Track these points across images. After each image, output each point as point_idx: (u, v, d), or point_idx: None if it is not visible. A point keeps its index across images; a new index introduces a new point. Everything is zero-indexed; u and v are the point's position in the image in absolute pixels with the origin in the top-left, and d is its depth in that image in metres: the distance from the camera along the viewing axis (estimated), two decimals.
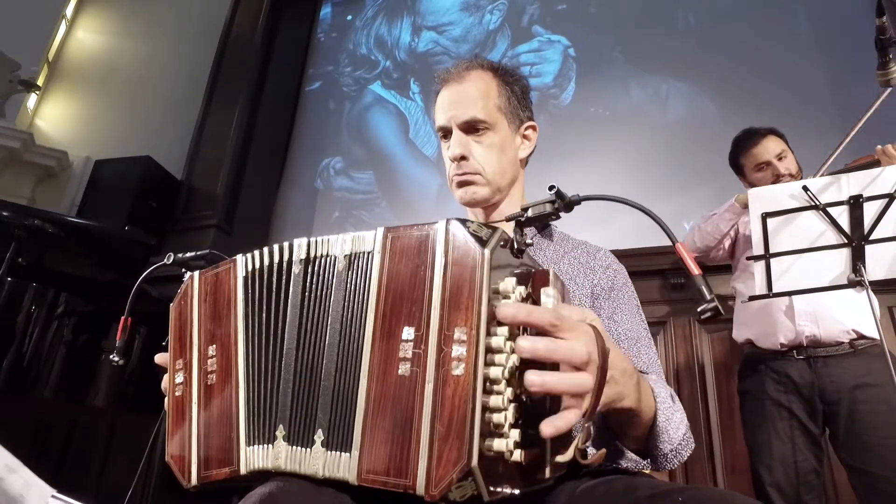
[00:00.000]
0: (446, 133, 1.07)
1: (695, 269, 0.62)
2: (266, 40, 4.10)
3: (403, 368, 0.57)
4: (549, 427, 0.52)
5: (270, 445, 0.66)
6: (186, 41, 4.45)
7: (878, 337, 1.71)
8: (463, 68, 1.08)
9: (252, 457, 0.67)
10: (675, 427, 0.77)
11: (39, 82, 3.75)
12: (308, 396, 0.65)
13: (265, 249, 0.73)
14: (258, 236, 3.75)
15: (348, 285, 0.65)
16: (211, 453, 0.69)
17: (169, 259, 0.93)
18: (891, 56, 1.43)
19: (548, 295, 0.59)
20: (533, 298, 0.59)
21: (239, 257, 0.74)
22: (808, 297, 1.54)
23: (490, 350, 0.54)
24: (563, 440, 0.57)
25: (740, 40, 3.37)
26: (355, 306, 0.65)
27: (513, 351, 0.54)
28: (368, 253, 0.67)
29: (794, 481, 1.60)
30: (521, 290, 0.58)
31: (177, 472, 0.72)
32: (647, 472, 0.87)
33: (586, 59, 3.66)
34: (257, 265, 0.72)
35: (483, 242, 0.57)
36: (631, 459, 0.83)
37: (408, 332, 0.59)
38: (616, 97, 3.49)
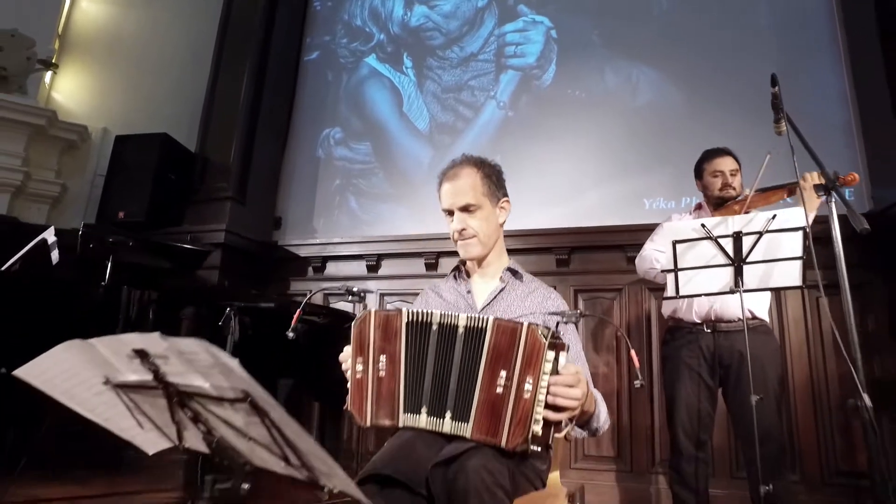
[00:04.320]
0: (450, 212, 1.52)
1: None
2: (268, 7, 4.33)
3: (499, 389, 1.12)
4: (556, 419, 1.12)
5: (417, 415, 1.19)
6: (188, 9, 4.66)
7: (766, 318, 2.26)
8: (458, 166, 1.52)
9: (405, 419, 1.20)
10: (603, 417, 1.34)
11: (53, 58, 3.99)
12: (441, 394, 1.19)
13: (415, 311, 1.25)
14: (267, 205, 4.17)
15: (466, 342, 1.19)
16: (380, 413, 1.23)
17: (342, 288, 1.49)
18: (781, 115, 1.85)
19: (564, 356, 1.13)
20: (557, 356, 1.13)
21: (403, 310, 1.25)
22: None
23: (537, 386, 1.10)
24: (559, 428, 1.15)
25: (706, 31, 3.69)
26: (472, 353, 1.17)
27: (547, 387, 1.12)
28: (483, 329, 1.17)
29: (696, 422, 2.18)
30: (552, 354, 1.12)
31: (356, 416, 1.24)
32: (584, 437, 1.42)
33: (567, 41, 3.97)
34: (412, 319, 1.23)
35: (543, 336, 1.12)
36: (579, 432, 1.37)
37: (503, 373, 1.13)
38: (592, 80, 3.84)
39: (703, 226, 1.83)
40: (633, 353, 1.26)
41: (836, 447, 2.71)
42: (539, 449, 1.10)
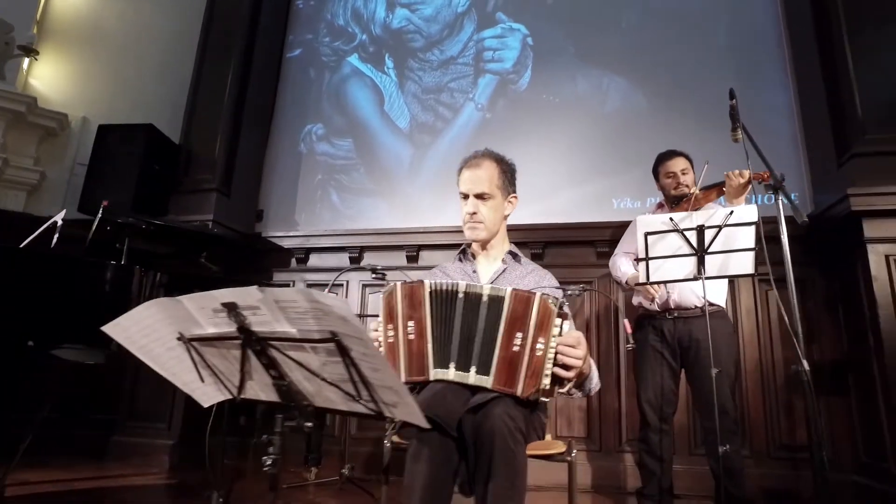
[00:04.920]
0: (466, 196, 1.71)
1: None
2: (254, 4, 4.41)
3: (515, 348, 1.32)
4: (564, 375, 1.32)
5: (446, 370, 1.38)
6: (170, 4, 4.69)
7: (722, 305, 2.53)
8: (480, 157, 1.72)
9: (435, 374, 1.39)
10: (595, 380, 1.54)
11: (34, 44, 3.98)
12: (466, 351, 1.38)
13: (438, 282, 1.42)
14: (250, 198, 4.26)
15: (489, 308, 1.37)
16: (412, 370, 1.40)
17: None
18: (738, 125, 2.12)
19: (567, 324, 1.34)
20: (562, 323, 1.33)
21: (426, 281, 1.41)
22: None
23: (548, 346, 1.28)
24: (562, 384, 1.34)
25: (669, 46, 3.98)
26: (493, 318, 1.36)
27: (555, 348, 1.32)
28: (502, 297, 1.35)
29: (660, 399, 2.44)
30: (559, 321, 1.32)
31: None
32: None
33: (542, 48, 4.21)
34: (435, 288, 1.40)
35: (553, 304, 1.32)
36: (576, 392, 1.57)
37: (518, 335, 1.33)
38: (565, 86, 4.09)
39: (671, 219, 2.07)
40: (625, 321, 1.48)
41: (780, 424, 3.02)
42: (546, 400, 1.30)
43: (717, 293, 2.50)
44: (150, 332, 1.10)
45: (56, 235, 2.44)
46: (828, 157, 3.24)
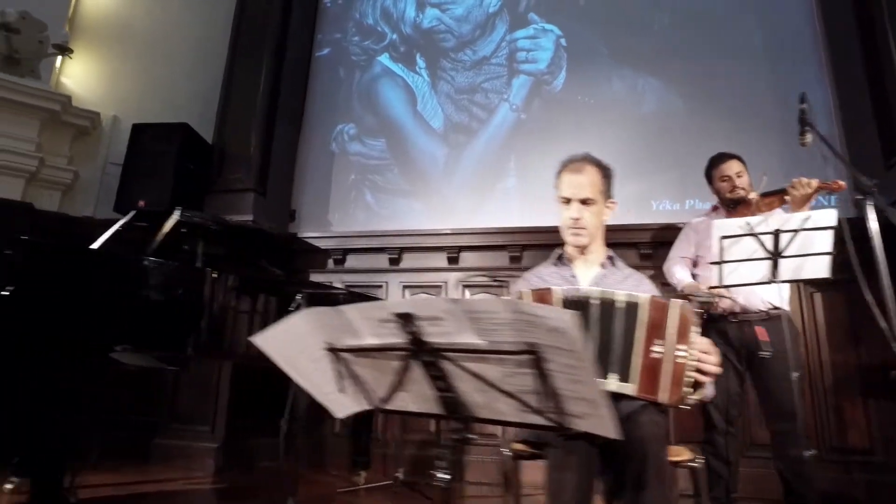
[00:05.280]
0: (568, 201, 1.70)
1: None
2: (285, 2, 4.38)
3: (656, 354, 1.31)
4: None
5: None
6: (199, 2, 4.65)
7: (787, 308, 2.54)
8: (582, 162, 1.72)
9: None
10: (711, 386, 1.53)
11: (68, 43, 3.93)
12: (605, 359, 1.35)
13: (568, 289, 1.40)
14: (283, 197, 4.24)
15: (626, 315, 1.36)
16: None
17: None
18: (806, 129, 2.12)
19: (697, 329, 1.33)
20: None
21: (554, 288, 1.39)
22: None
23: (689, 353, 1.29)
24: (699, 390, 1.35)
25: (703, 46, 4.00)
26: (629, 325, 1.35)
27: (695, 354, 1.32)
28: (638, 304, 1.34)
29: (726, 400, 2.45)
30: (695, 329, 1.32)
31: None
32: None
33: (576, 49, 4.21)
34: (567, 295, 1.39)
35: (691, 312, 1.32)
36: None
37: (658, 342, 1.32)
38: (600, 88, 4.09)
39: (747, 223, 2.08)
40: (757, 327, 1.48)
41: (830, 427, 3.04)
42: (688, 407, 1.30)
43: (783, 297, 2.52)
44: (298, 343, 1.09)
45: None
46: (873, 158, 3.26)
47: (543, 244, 3.66)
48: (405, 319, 0.96)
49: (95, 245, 2.08)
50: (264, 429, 3.68)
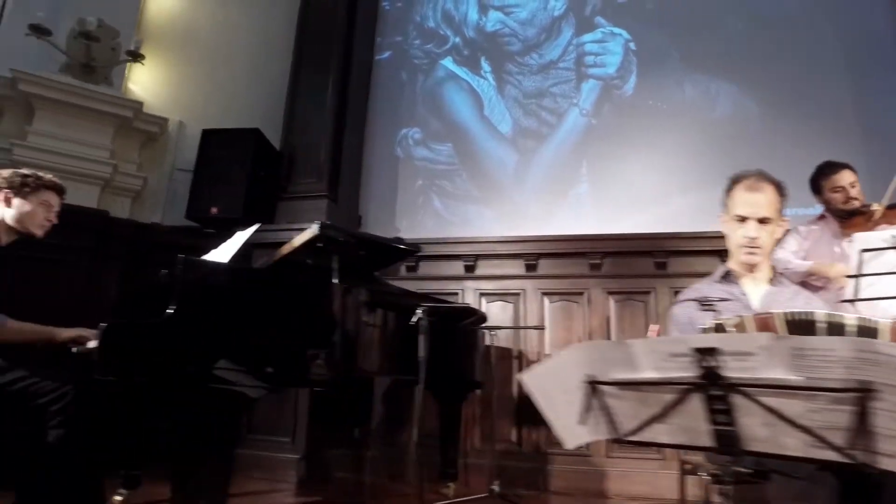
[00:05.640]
0: (744, 219, 1.66)
1: None
2: (349, 5, 4.35)
3: None
4: None
5: None
6: (260, 6, 4.62)
7: None
8: (758, 179, 1.67)
9: None
10: None
11: (140, 49, 3.90)
12: None
13: (792, 311, 1.30)
14: (351, 204, 4.21)
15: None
16: None
17: None
18: None
19: None
20: None
21: (774, 312, 1.31)
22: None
23: None
24: None
25: (778, 49, 3.95)
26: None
27: None
28: (875, 329, 1.24)
29: None
30: None
31: None
32: None
33: (645, 53, 4.16)
34: (790, 318, 1.28)
35: None
36: None
37: None
38: (672, 92, 4.05)
39: (893, 237, 2.03)
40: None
41: None
42: None
43: None
44: (559, 375, 1.06)
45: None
46: None
47: (625, 252, 3.63)
48: (705, 354, 0.92)
49: (224, 258, 2.04)
50: (341, 439, 3.67)
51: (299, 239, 2.09)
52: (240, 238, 2.10)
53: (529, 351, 3.61)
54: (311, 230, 1.99)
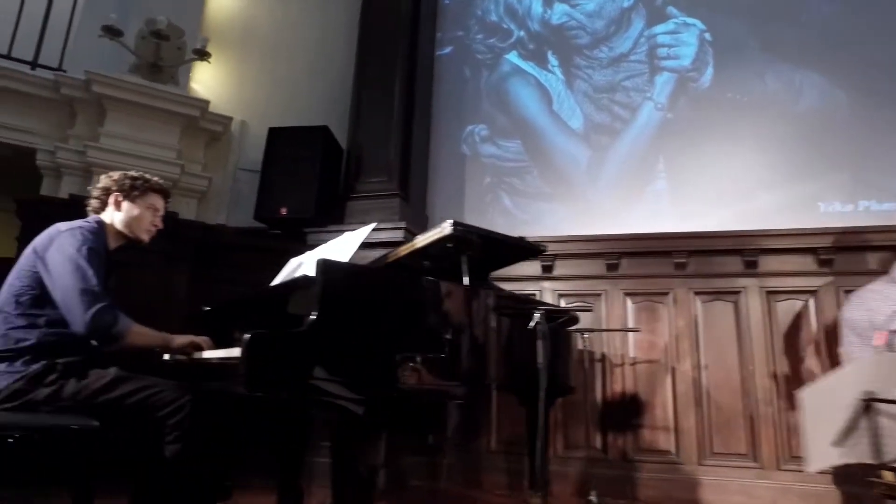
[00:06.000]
0: None
1: None
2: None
3: None
4: None
5: None
6: (318, 2, 4.54)
7: None
8: None
9: None
10: None
11: (206, 48, 3.83)
12: None
13: None
14: (419, 202, 4.10)
15: None
16: None
17: None
18: None
19: None
20: None
21: None
22: None
23: None
24: None
25: (866, 35, 3.75)
26: None
27: None
28: None
29: None
30: None
31: None
32: None
33: (722, 43, 3.99)
34: None
35: None
36: None
37: None
38: (752, 84, 3.87)
39: None
40: None
41: None
42: None
43: None
44: (836, 391, 0.93)
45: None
46: None
47: (712, 250, 3.48)
48: None
49: (344, 259, 1.93)
50: (415, 446, 3.56)
51: (426, 239, 1.97)
52: (355, 238, 1.98)
53: (612, 354, 3.47)
54: (443, 229, 1.87)
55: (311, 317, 1.50)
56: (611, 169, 3.95)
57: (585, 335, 3.14)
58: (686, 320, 3.44)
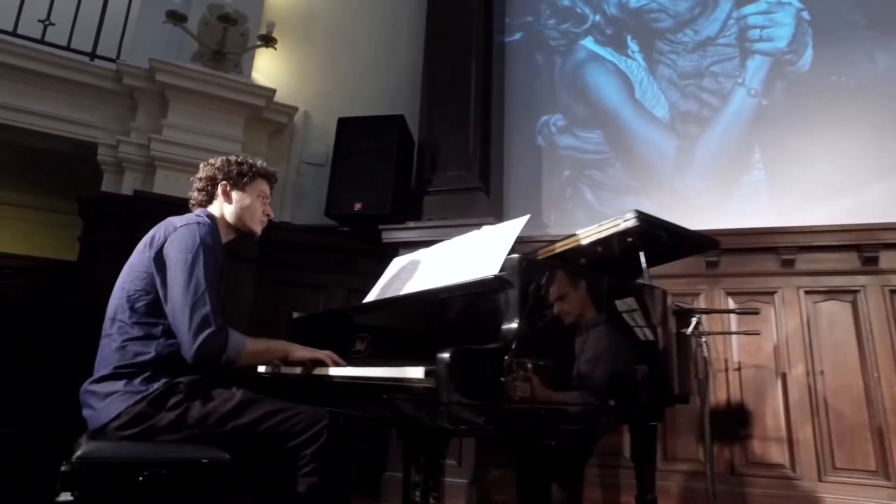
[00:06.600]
0: None
1: None
2: None
3: None
4: None
5: None
6: None
7: None
8: None
9: None
10: None
11: (263, 32, 3.61)
12: None
13: None
14: (497, 197, 3.85)
15: None
16: None
17: None
18: None
19: None
20: None
21: None
22: None
23: None
24: None
25: None
26: None
27: None
28: None
29: None
30: None
31: None
32: None
33: (823, 22, 3.70)
34: None
35: None
36: None
37: None
38: (859, 65, 3.57)
39: None
40: None
41: None
42: None
43: None
44: None
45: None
46: None
47: (819, 246, 3.18)
48: None
49: (497, 259, 1.68)
50: (504, 459, 3.32)
51: (597, 232, 1.72)
52: (506, 233, 1.72)
53: (715, 358, 3.20)
54: (627, 221, 1.62)
55: (509, 326, 1.25)
56: (701, 160, 3.68)
57: (703, 339, 2.87)
58: (796, 322, 3.16)
